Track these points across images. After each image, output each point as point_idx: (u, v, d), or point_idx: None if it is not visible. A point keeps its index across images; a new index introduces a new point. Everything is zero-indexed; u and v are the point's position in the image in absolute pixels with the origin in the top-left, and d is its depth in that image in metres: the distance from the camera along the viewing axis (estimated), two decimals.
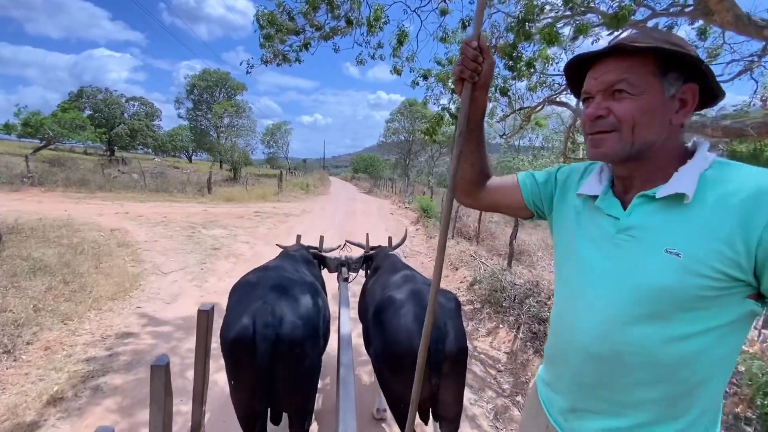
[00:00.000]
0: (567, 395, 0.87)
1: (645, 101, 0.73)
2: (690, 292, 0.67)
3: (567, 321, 0.86)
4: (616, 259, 0.76)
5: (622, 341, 0.74)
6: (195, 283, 4.96)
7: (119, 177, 15.70)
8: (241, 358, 1.50)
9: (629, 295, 0.73)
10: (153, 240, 6.75)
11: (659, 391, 0.73)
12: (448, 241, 8.60)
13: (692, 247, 0.67)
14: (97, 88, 36.87)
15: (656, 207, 0.73)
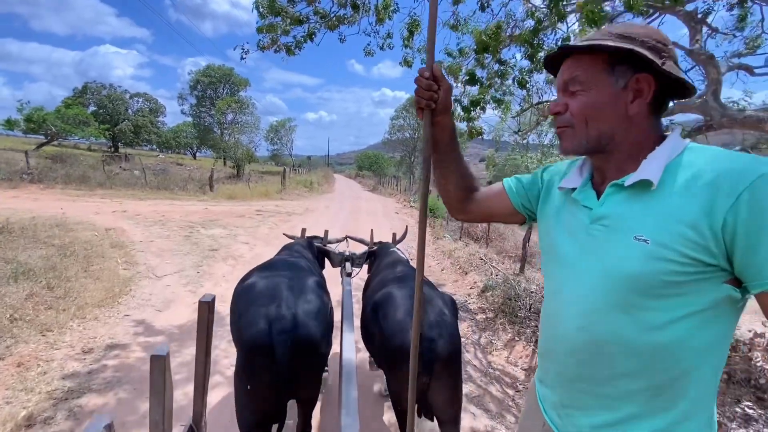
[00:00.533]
0: (555, 389, 0.86)
1: (594, 95, 0.76)
2: (659, 278, 0.66)
3: (551, 315, 0.87)
4: (590, 249, 0.78)
5: (600, 332, 0.74)
6: (190, 287, 4.67)
7: (120, 174, 15.49)
8: (261, 361, 1.51)
9: (603, 284, 0.73)
10: (149, 240, 6.48)
11: (642, 382, 0.72)
12: (456, 243, 8.27)
13: (658, 233, 0.67)
14: (102, 84, 36.74)
15: (626, 195, 0.74)
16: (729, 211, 0.61)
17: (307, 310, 1.63)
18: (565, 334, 0.81)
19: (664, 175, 0.70)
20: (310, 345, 1.58)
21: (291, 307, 1.59)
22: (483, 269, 6.07)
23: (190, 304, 4.20)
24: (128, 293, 4.32)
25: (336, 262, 2.90)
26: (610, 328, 0.73)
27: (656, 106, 0.77)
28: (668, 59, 0.73)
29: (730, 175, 0.63)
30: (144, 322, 3.68)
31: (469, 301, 5.06)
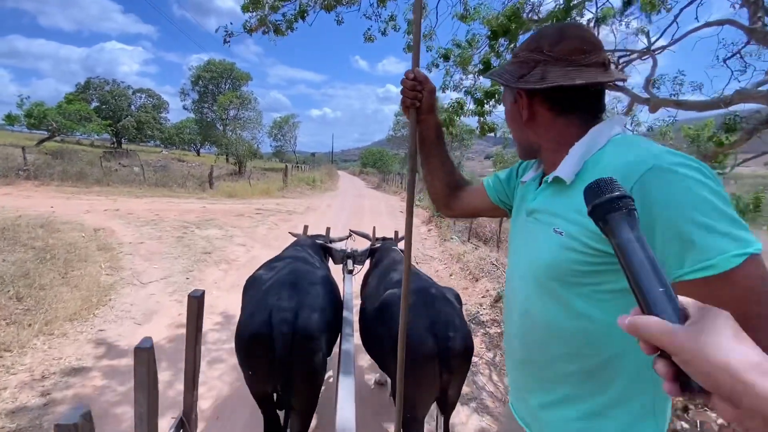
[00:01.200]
0: (510, 373, 0.92)
1: (506, 110, 0.88)
2: (571, 267, 0.70)
3: (506, 302, 0.93)
4: (525, 240, 0.84)
5: (536, 317, 0.79)
6: (176, 296, 4.27)
7: (119, 171, 15.18)
8: (259, 353, 1.53)
9: (532, 273, 0.79)
10: (138, 242, 6.09)
11: (574, 365, 0.75)
12: (464, 245, 7.82)
13: (569, 226, 0.71)
14: (104, 80, 36.52)
15: (551, 190, 0.79)
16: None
17: (310, 304, 1.64)
18: (513, 318, 0.86)
19: (582, 169, 0.73)
20: (311, 339, 1.57)
21: (293, 301, 1.60)
22: (495, 275, 5.63)
23: (175, 316, 3.80)
24: (107, 303, 3.93)
25: (338, 259, 2.89)
26: (543, 314, 0.77)
27: (562, 106, 0.79)
28: (547, 63, 0.76)
29: (624, 169, 0.64)
30: (119, 339, 3.28)
31: (481, 312, 4.63)
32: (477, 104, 4.46)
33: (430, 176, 1.14)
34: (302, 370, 1.58)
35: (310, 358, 1.59)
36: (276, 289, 1.67)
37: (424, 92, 1.01)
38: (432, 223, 10.31)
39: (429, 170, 1.14)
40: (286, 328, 1.52)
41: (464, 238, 8.85)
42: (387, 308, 1.77)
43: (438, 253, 7.49)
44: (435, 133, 1.09)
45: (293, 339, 1.53)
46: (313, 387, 1.69)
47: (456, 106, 5.31)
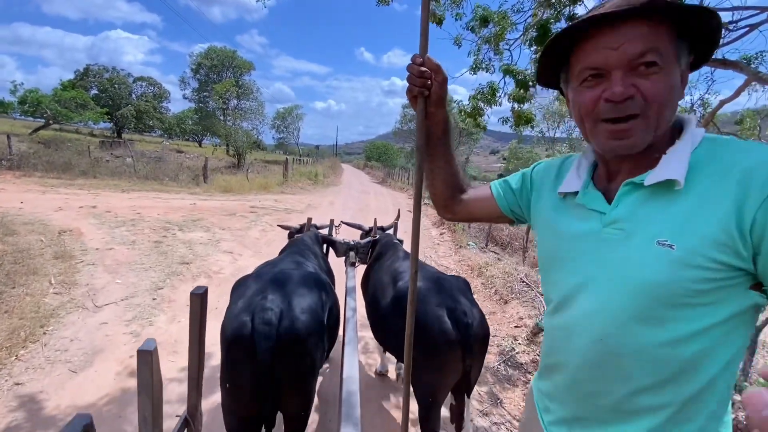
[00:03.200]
0: (568, 405, 0.79)
1: (672, 76, 0.64)
2: (686, 286, 0.60)
3: (561, 327, 0.79)
4: (605, 256, 0.70)
5: (619, 345, 0.67)
6: (134, 326, 3.37)
7: (110, 162, 14.30)
8: (241, 358, 1.40)
9: (622, 294, 0.66)
10: (107, 248, 5.20)
11: (665, 396, 0.66)
12: (484, 254, 6.88)
13: (685, 237, 0.60)
14: (104, 67, 35.52)
15: (645, 195, 0.67)
16: (760, 209, 0.55)
17: (299, 306, 1.52)
18: (580, 347, 0.73)
19: (688, 170, 0.62)
20: (297, 342, 1.45)
21: (279, 302, 1.48)
22: (528, 297, 4.70)
23: (125, 357, 2.91)
24: (39, 338, 3.03)
25: (340, 251, 2.87)
26: (630, 341, 0.66)
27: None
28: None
29: (762, 169, 0.56)
30: (40, 401, 2.39)
31: (516, 349, 3.71)
32: (520, 87, 3.49)
33: (431, 175, 1.04)
34: (288, 376, 1.46)
35: (297, 362, 1.48)
36: (262, 288, 1.55)
37: (434, 82, 0.89)
38: (444, 225, 9.35)
39: (431, 169, 1.03)
40: (269, 330, 1.40)
41: (482, 244, 7.90)
42: (403, 300, 1.65)
43: (454, 263, 6.56)
44: (442, 129, 0.98)
45: (277, 342, 1.41)
46: (303, 393, 1.57)
47: (488, 92, 4.33)
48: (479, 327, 1.65)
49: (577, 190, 0.78)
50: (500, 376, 3.27)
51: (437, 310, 1.64)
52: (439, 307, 1.66)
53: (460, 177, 1.06)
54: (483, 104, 4.52)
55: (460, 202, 1.06)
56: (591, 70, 0.67)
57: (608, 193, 0.74)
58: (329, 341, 1.77)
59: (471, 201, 1.05)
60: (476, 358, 1.65)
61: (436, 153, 1.02)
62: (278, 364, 1.40)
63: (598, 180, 0.78)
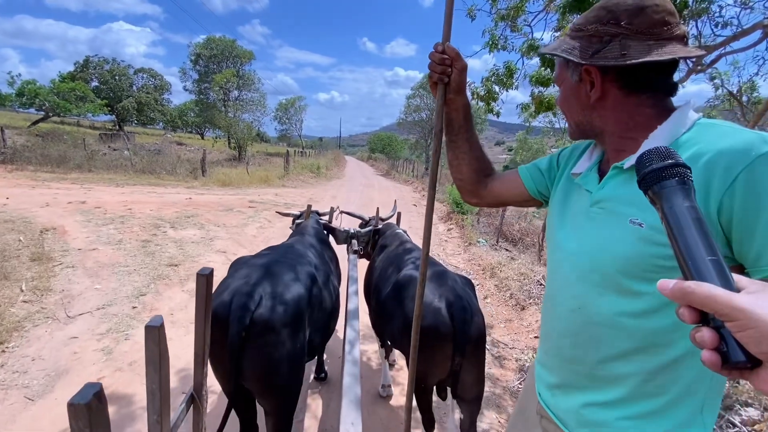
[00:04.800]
0: (553, 371, 0.86)
1: (563, 90, 0.82)
2: (653, 262, 0.65)
3: (550, 297, 0.87)
4: (587, 232, 0.77)
5: (593, 314, 0.74)
6: (107, 340, 2.99)
7: (108, 155, 13.91)
8: (215, 335, 1.37)
9: (596, 266, 0.73)
10: (90, 248, 4.82)
11: (635, 365, 0.71)
12: (496, 252, 6.44)
13: (653, 216, 0.60)
14: (104, 59, 35.08)
15: (625, 178, 0.73)
16: (725, 194, 0.59)
17: (280, 295, 1.51)
18: (561, 315, 0.81)
19: None
20: (268, 331, 1.44)
21: (261, 288, 1.49)
22: None
23: (92, 375, 2.53)
24: None
25: (341, 239, 2.89)
26: (603, 311, 0.73)
27: (635, 85, 0.73)
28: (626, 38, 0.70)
29: (729, 155, 0.60)
30: None
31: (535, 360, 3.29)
32: (546, 65, 3.01)
33: (456, 161, 1.08)
34: (258, 364, 1.44)
35: (267, 352, 1.45)
36: (250, 272, 1.55)
37: (453, 69, 0.95)
38: (452, 221, 8.90)
39: (456, 155, 1.07)
40: (243, 314, 1.40)
41: (492, 240, 7.45)
42: (403, 287, 1.79)
43: (464, 262, 6.13)
44: (463, 114, 1.03)
45: (249, 328, 1.41)
46: (274, 386, 1.50)
47: (504, 73, 3.85)
48: (474, 326, 1.61)
49: (582, 171, 0.84)
50: None
51: (436, 302, 1.63)
52: (440, 298, 1.64)
53: (485, 160, 1.08)
54: (498, 87, 4.05)
55: (486, 186, 1.08)
56: None
57: (604, 176, 0.79)
58: (321, 336, 1.81)
59: (498, 185, 1.07)
60: (468, 359, 1.59)
61: (459, 138, 1.05)
62: (248, 350, 1.42)
63: (603, 164, 0.83)
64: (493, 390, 2.88)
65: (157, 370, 0.94)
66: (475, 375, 1.67)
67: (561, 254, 0.83)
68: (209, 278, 1.30)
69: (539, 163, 1.02)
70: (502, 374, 3.14)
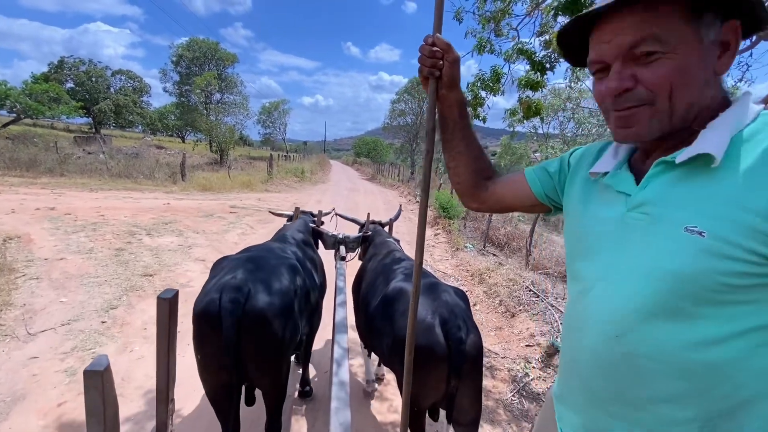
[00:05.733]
0: (579, 411, 0.73)
1: (681, 58, 0.57)
2: (717, 279, 0.53)
3: (576, 321, 0.72)
4: (627, 242, 0.63)
5: (638, 343, 0.60)
6: (72, 360, 2.76)
7: (82, 158, 13.37)
8: (207, 332, 1.46)
9: (643, 285, 0.59)
10: (58, 258, 4.53)
11: (690, 410, 0.57)
12: (484, 257, 6.38)
13: (718, 223, 0.53)
14: (80, 59, 34.09)
15: (676, 175, 0.60)
16: None
17: (268, 286, 1.56)
18: (594, 344, 0.66)
19: (728, 149, 0.54)
20: (262, 321, 1.50)
21: (249, 281, 1.53)
22: (538, 309, 4.20)
23: (52, 406, 2.31)
24: None
25: (329, 244, 2.79)
26: (651, 339, 0.59)
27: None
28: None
29: None
30: None
31: (530, 374, 3.20)
32: (536, 69, 2.94)
33: (453, 162, 0.98)
34: (253, 353, 1.51)
35: (262, 341, 1.52)
36: (234, 270, 1.57)
37: (445, 62, 0.86)
38: (438, 225, 8.83)
39: (452, 156, 0.97)
40: (235, 309, 1.44)
41: (479, 245, 7.40)
42: (393, 301, 1.68)
43: (452, 268, 6.04)
44: (458, 111, 0.93)
45: (243, 320, 1.45)
46: (271, 370, 1.60)
47: (490, 78, 3.79)
48: (472, 346, 1.49)
49: (608, 170, 0.72)
50: (515, 412, 2.76)
51: (429, 319, 1.49)
52: (433, 315, 1.50)
53: (484, 160, 0.99)
54: (485, 92, 3.98)
55: (486, 189, 0.98)
56: (596, 64, 0.65)
57: (640, 174, 0.67)
58: (307, 324, 1.88)
59: (501, 187, 0.97)
60: (464, 381, 1.47)
61: (455, 137, 0.96)
62: (242, 340, 1.46)
63: (635, 161, 0.72)
64: (486, 403, 2.77)
65: (101, 422, 0.78)
66: (471, 397, 1.55)
67: (591, 271, 0.69)
68: (173, 302, 1.20)
69: (548, 165, 0.91)
70: (494, 386, 3.04)
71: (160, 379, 1.22)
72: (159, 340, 1.18)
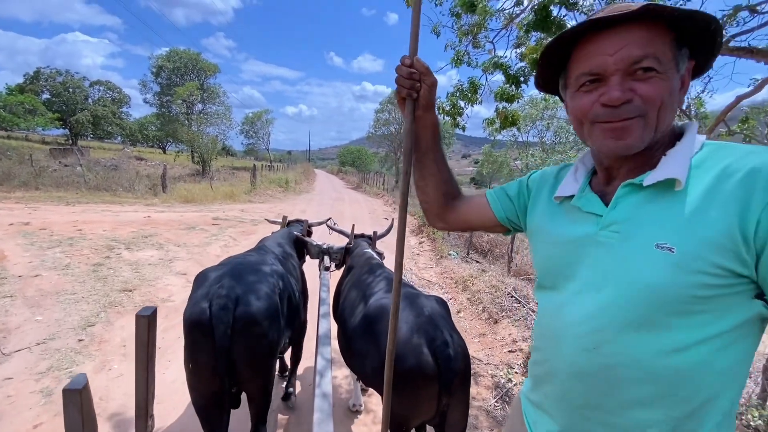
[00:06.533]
0: (556, 417, 0.76)
1: (669, 80, 0.63)
2: (687, 292, 0.58)
3: (552, 334, 0.76)
4: (601, 260, 0.68)
5: (613, 354, 0.65)
6: (48, 380, 2.68)
7: (58, 171, 13.02)
8: (200, 340, 1.52)
9: (617, 299, 0.65)
10: (32, 275, 4.40)
11: (659, 412, 0.63)
12: (467, 265, 6.47)
13: (686, 240, 0.59)
14: (57, 70, 33.37)
15: (644, 197, 0.66)
16: (764, 211, 0.54)
17: (254, 292, 1.63)
18: (571, 355, 0.70)
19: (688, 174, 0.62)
20: (252, 324, 1.57)
21: (236, 288, 1.60)
22: (519, 314, 4.28)
23: (28, 429, 2.24)
24: None
25: (313, 253, 2.81)
26: (625, 350, 0.64)
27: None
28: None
29: (759, 173, 0.55)
30: None
31: (513, 380, 3.26)
32: (511, 82, 3.06)
33: (423, 182, 1.01)
34: (245, 356, 1.58)
35: (253, 344, 1.59)
36: (219, 279, 1.64)
37: (423, 84, 0.88)
38: (423, 233, 8.91)
39: (422, 176, 1.00)
40: (225, 315, 1.51)
41: (463, 252, 7.50)
42: (375, 320, 1.63)
43: (436, 276, 6.10)
44: (431, 133, 0.96)
45: (234, 325, 1.53)
46: (260, 374, 1.67)
47: (468, 89, 3.90)
48: (461, 360, 1.46)
49: (573, 193, 0.77)
50: (498, 418, 2.81)
51: (415, 338, 1.45)
52: (419, 334, 1.46)
53: (453, 183, 1.03)
54: (463, 102, 4.09)
55: (453, 209, 1.03)
56: (589, 76, 0.67)
57: (606, 196, 0.73)
58: (289, 328, 1.95)
59: (465, 209, 1.02)
60: (455, 396, 1.46)
61: (427, 158, 0.99)
62: (235, 345, 1.53)
63: (596, 184, 0.77)
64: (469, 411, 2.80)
65: None
66: (461, 410, 1.54)
67: (570, 286, 0.73)
68: (151, 320, 1.20)
69: (508, 189, 0.96)
70: (478, 392, 3.08)
71: (139, 396, 1.22)
72: (138, 357, 1.19)
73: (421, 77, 0.88)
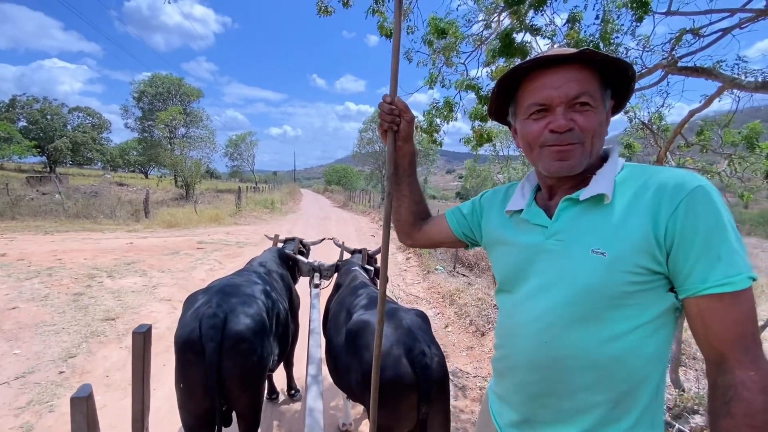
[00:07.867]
0: (518, 407, 0.86)
1: (599, 114, 0.77)
2: (618, 289, 0.69)
3: (509, 333, 0.86)
4: (547, 264, 0.78)
5: (561, 346, 0.75)
6: (28, 414, 2.61)
7: (35, 199, 12.73)
8: (191, 359, 1.56)
9: (563, 298, 0.75)
10: (9, 307, 4.29)
11: (602, 394, 0.73)
12: (454, 279, 6.55)
13: (614, 245, 0.70)
14: (34, 97, 32.97)
15: (580, 210, 0.77)
16: (670, 218, 0.66)
17: (242, 310, 1.69)
18: (528, 349, 0.80)
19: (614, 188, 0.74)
20: (241, 341, 1.62)
21: (224, 307, 1.65)
22: None
23: None
24: None
25: (304, 271, 2.86)
26: (570, 342, 0.74)
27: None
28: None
29: (672, 187, 0.68)
30: None
31: None
32: (483, 102, 3.22)
33: (396, 203, 1.14)
34: (235, 373, 1.61)
35: (243, 361, 1.63)
36: (208, 300, 1.69)
37: (402, 120, 1.01)
38: (410, 250, 8.97)
39: (397, 197, 1.14)
40: (215, 333, 1.56)
41: (449, 267, 7.58)
42: (357, 335, 1.69)
43: (423, 291, 6.15)
44: (408, 161, 1.10)
45: (223, 343, 1.57)
46: (250, 391, 1.71)
47: (444, 108, 4.06)
48: (438, 369, 1.52)
49: (522, 208, 0.88)
50: None
51: (394, 350, 1.52)
52: (397, 344, 1.54)
53: (423, 205, 1.16)
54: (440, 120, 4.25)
55: (420, 228, 1.16)
56: (537, 106, 0.78)
57: (549, 209, 0.84)
58: (279, 345, 2.02)
59: (430, 227, 1.15)
60: (434, 406, 1.51)
61: (403, 182, 1.12)
62: (224, 362, 1.58)
63: (540, 199, 0.88)
64: (454, 425, 2.83)
65: None
66: (441, 417, 1.58)
67: (523, 289, 0.83)
68: (147, 336, 1.27)
69: (462, 208, 1.08)
70: (466, 405, 3.11)
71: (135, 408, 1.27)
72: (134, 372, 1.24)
73: (400, 113, 1.01)
